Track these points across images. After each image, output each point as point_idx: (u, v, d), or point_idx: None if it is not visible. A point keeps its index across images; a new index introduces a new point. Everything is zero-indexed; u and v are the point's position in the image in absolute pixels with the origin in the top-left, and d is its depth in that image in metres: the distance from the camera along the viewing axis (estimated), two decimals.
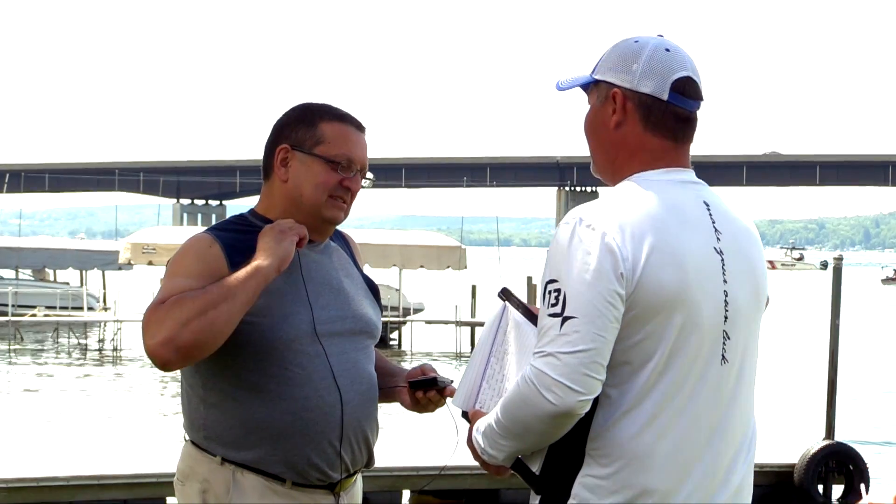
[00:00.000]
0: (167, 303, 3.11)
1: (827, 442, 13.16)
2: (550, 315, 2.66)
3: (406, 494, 12.17)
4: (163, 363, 3.09)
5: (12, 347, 30.53)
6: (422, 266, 29.20)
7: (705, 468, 2.74)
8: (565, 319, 2.64)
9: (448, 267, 28.93)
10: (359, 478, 3.43)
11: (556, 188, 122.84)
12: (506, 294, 2.96)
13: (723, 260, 2.77)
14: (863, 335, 36.15)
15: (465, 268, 29.30)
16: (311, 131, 3.32)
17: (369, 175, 3.42)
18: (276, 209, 3.34)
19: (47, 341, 32.85)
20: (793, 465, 12.87)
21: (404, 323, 31.87)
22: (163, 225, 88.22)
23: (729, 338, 2.76)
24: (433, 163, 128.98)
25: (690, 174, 2.86)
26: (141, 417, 19.16)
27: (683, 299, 2.69)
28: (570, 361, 2.62)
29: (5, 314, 32.86)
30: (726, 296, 2.76)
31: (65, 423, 18.37)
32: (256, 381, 3.22)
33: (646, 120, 2.82)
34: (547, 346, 2.65)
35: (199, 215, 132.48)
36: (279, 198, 3.34)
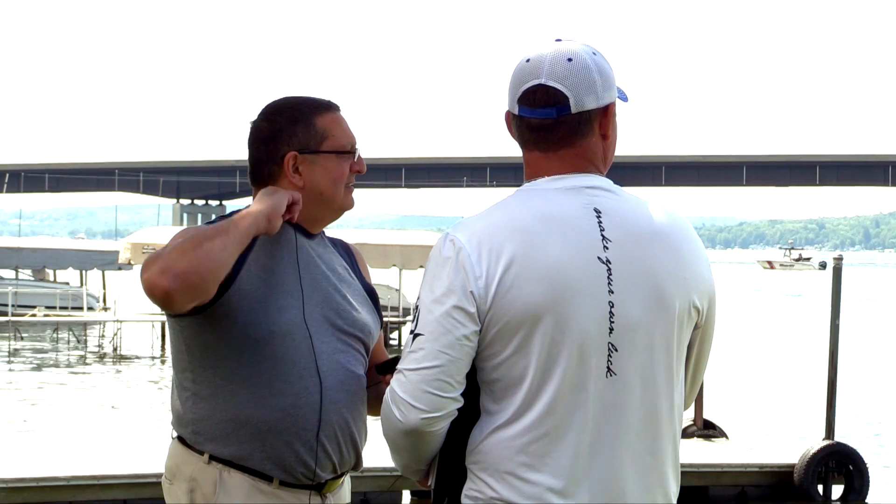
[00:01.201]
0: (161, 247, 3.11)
1: (827, 442, 13.17)
2: (409, 332, 2.69)
3: (406, 495, 12.18)
4: (163, 294, 2.99)
5: (12, 347, 30.54)
6: (421, 266, 29.16)
7: (593, 482, 2.67)
8: (415, 336, 2.66)
9: None
10: (347, 480, 3.42)
11: None
12: None
13: (609, 269, 2.67)
14: (871, 335, 36.17)
15: None
16: (310, 130, 3.30)
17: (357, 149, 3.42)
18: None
19: (47, 341, 32.85)
20: (793, 465, 12.88)
21: (404, 323, 31.91)
22: (163, 225, 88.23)
23: (616, 350, 2.67)
24: (433, 163, 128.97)
25: (586, 179, 2.75)
26: (141, 417, 19.16)
27: (550, 313, 2.63)
28: (413, 378, 2.64)
29: (5, 314, 32.88)
30: (612, 307, 2.67)
31: (65, 423, 18.38)
32: (248, 375, 3.21)
33: (514, 135, 2.82)
34: (401, 364, 2.68)
35: (199, 215, 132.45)
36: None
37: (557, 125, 2.75)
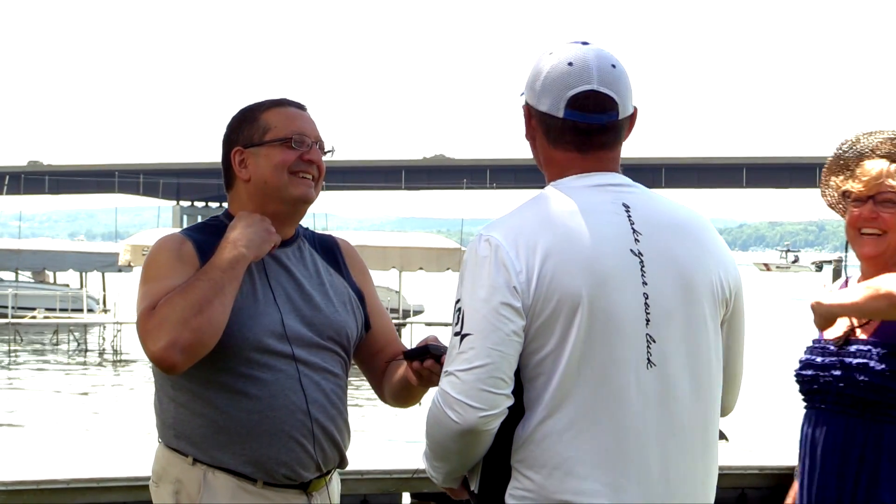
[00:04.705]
0: (158, 307, 3.14)
1: None
2: (454, 334, 2.68)
3: (406, 497, 12.17)
4: (170, 367, 3.13)
5: (12, 349, 30.53)
6: (421, 268, 29.22)
7: (637, 473, 2.69)
8: (463, 337, 2.66)
9: (448, 269, 28.95)
10: (335, 478, 3.45)
11: None
12: None
13: (641, 262, 2.71)
14: None
15: None
16: (255, 125, 3.38)
17: (329, 147, 3.43)
18: (247, 209, 3.38)
19: (47, 343, 32.84)
20: (793, 468, 12.81)
21: (404, 325, 31.89)
22: (163, 227, 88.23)
23: (654, 341, 2.70)
24: (433, 165, 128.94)
25: (614, 177, 2.80)
26: (140, 419, 19.16)
27: (588, 303, 2.65)
28: (468, 378, 2.64)
29: (5, 316, 32.89)
30: (646, 298, 2.70)
31: (65, 425, 18.37)
32: (224, 381, 3.26)
33: (547, 135, 2.82)
34: (449, 366, 2.67)
35: (199, 217, 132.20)
36: (247, 198, 3.39)
37: (605, 130, 2.79)
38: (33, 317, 34.53)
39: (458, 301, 2.70)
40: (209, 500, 3.26)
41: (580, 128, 2.78)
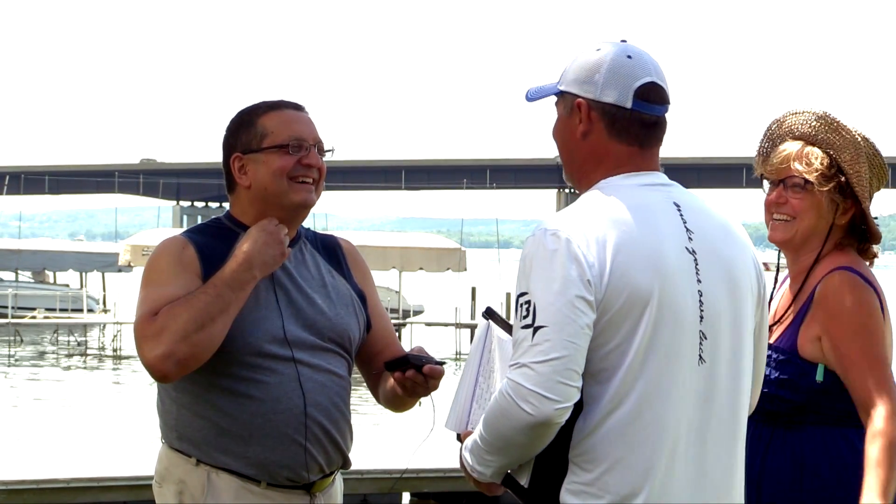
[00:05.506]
0: (160, 314, 3.15)
1: None
2: (523, 327, 2.68)
3: (406, 497, 12.18)
4: (162, 376, 3.16)
5: (12, 349, 30.54)
6: (421, 268, 29.23)
7: (691, 468, 2.74)
8: (536, 329, 2.65)
9: (448, 269, 28.96)
10: (338, 478, 3.46)
11: (556, 190, 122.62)
12: (489, 313, 3.01)
13: (696, 259, 2.77)
14: None
15: (465, 270, 29.34)
16: (252, 131, 3.37)
17: (328, 148, 3.43)
18: (249, 214, 3.38)
19: (47, 343, 32.84)
20: None
21: (404, 325, 31.89)
22: (163, 227, 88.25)
23: (706, 338, 2.75)
24: (433, 165, 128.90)
25: (660, 176, 2.86)
26: (141, 419, 19.17)
27: (654, 300, 2.69)
28: (544, 370, 2.63)
29: (5, 316, 32.91)
30: (701, 295, 2.75)
31: (65, 425, 18.37)
32: (226, 385, 3.27)
33: (610, 128, 2.83)
34: (521, 358, 2.66)
35: (199, 217, 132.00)
36: (248, 203, 3.39)
37: (661, 123, 2.87)
38: (33, 317, 34.54)
39: (523, 294, 2.70)
40: (213, 501, 3.27)
41: (644, 119, 2.83)
